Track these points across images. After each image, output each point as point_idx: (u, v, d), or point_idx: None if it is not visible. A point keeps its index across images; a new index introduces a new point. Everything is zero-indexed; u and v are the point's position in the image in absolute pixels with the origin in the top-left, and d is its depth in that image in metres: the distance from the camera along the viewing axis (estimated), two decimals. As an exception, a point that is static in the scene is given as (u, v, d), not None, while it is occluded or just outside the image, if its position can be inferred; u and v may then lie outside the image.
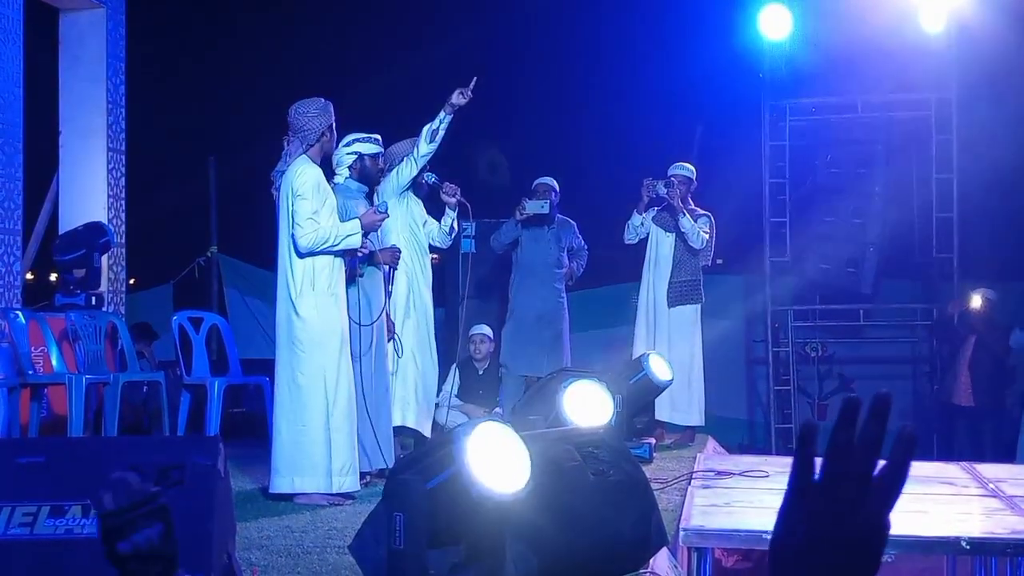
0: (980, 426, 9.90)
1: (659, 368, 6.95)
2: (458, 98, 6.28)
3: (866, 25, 10.27)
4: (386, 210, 5.89)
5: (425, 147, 6.47)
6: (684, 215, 8.02)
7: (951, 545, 4.65)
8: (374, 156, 6.23)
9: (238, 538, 3.49)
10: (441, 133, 6.39)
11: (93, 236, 7.62)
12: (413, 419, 6.72)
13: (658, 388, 6.90)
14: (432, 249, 7.08)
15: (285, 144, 5.68)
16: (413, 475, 3.13)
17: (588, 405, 5.77)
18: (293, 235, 5.46)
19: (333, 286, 5.56)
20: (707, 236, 8.12)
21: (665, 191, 8.06)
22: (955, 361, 10.14)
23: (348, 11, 14.22)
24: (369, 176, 6.25)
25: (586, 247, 8.36)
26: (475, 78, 6.28)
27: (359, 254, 5.83)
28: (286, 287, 5.51)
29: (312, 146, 5.58)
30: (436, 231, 6.95)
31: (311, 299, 5.48)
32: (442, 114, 6.33)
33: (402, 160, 6.67)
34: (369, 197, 6.28)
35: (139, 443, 3.91)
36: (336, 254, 5.57)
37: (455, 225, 6.96)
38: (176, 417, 6.87)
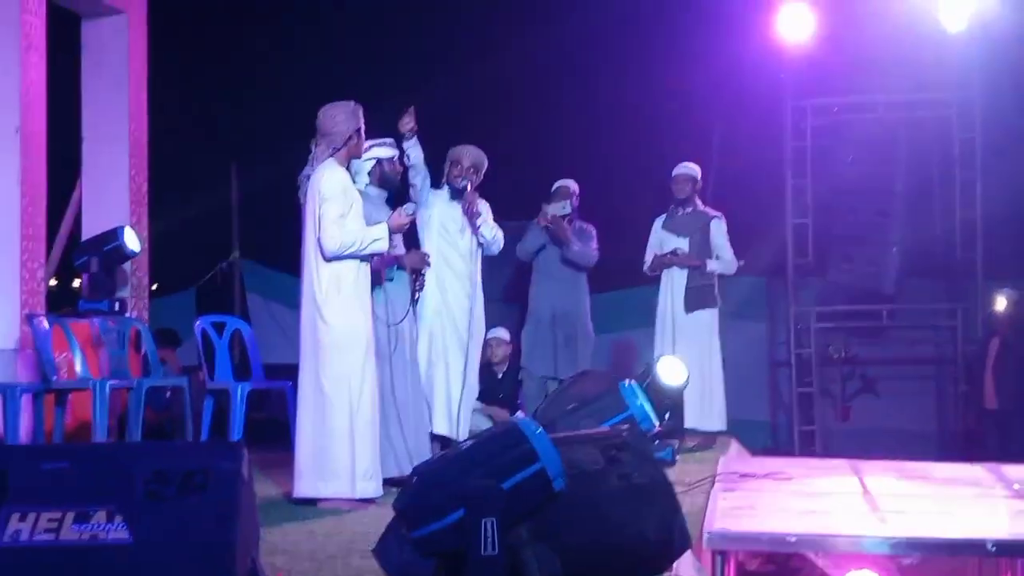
0: (1008, 428, 9.80)
1: (668, 372, 6.86)
2: (404, 129, 6.39)
3: (888, 24, 10.22)
4: (413, 211, 5.89)
5: (412, 174, 6.59)
6: (705, 264, 8.17)
7: (977, 547, 4.61)
8: (391, 160, 6.29)
9: (262, 543, 3.50)
10: (414, 160, 6.52)
11: (100, 243, 7.57)
12: (444, 425, 6.68)
13: (665, 392, 6.79)
14: None
15: (312, 147, 5.66)
16: (484, 478, 3.16)
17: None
18: (320, 239, 5.45)
19: (359, 290, 5.54)
20: (732, 257, 8.25)
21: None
22: (980, 363, 10.05)
23: (375, 14, 14.19)
24: (389, 180, 6.30)
25: (596, 250, 8.21)
26: (411, 107, 6.39)
27: (386, 255, 5.80)
28: (312, 291, 5.49)
29: (339, 150, 5.55)
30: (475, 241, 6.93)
31: (337, 303, 5.46)
32: (405, 145, 6.45)
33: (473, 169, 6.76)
34: (390, 202, 6.29)
35: (163, 448, 3.92)
36: (363, 258, 5.55)
37: (487, 233, 6.83)
38: (199, 422, 6.88)
